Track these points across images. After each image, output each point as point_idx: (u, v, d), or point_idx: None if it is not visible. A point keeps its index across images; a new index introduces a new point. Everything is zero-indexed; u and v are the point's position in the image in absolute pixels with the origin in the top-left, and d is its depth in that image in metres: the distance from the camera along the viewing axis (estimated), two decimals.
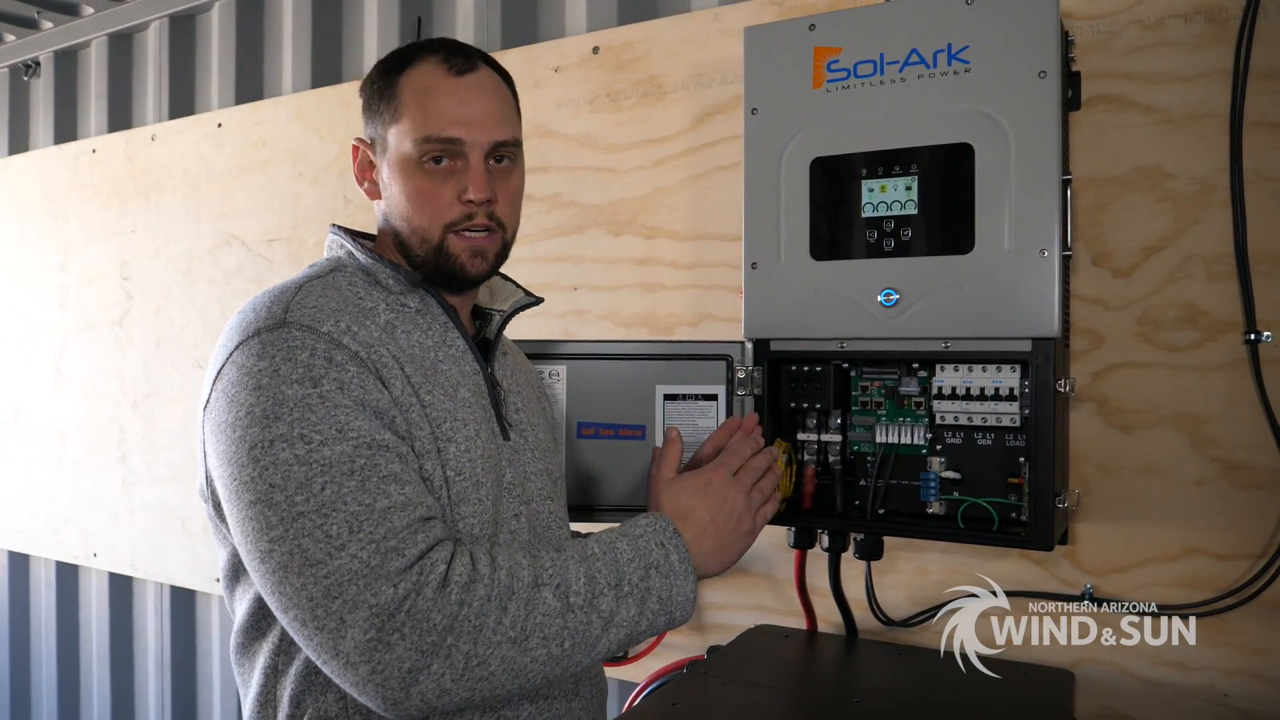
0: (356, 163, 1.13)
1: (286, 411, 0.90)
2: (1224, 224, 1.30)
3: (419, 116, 1.05)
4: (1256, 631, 1.29)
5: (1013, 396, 1.22)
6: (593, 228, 1.81)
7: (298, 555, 0.87)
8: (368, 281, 1.07)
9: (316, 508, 0.88)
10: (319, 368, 0.93)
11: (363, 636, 0.86)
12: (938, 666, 1.39)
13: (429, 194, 1.05)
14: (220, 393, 0.94)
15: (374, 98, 1.09)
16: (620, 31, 1.79)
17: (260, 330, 0.95)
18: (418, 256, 1.08)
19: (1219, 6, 1.31)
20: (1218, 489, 1.31)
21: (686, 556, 1.02)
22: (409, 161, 1.05)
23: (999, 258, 1.19)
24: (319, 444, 0.89)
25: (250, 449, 0.90)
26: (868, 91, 1.27)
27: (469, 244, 1.08)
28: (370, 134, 1.11)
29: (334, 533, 0.87)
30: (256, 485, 0.89)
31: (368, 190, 1.12)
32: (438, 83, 1.06)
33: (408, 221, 1.07)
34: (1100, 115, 1.38)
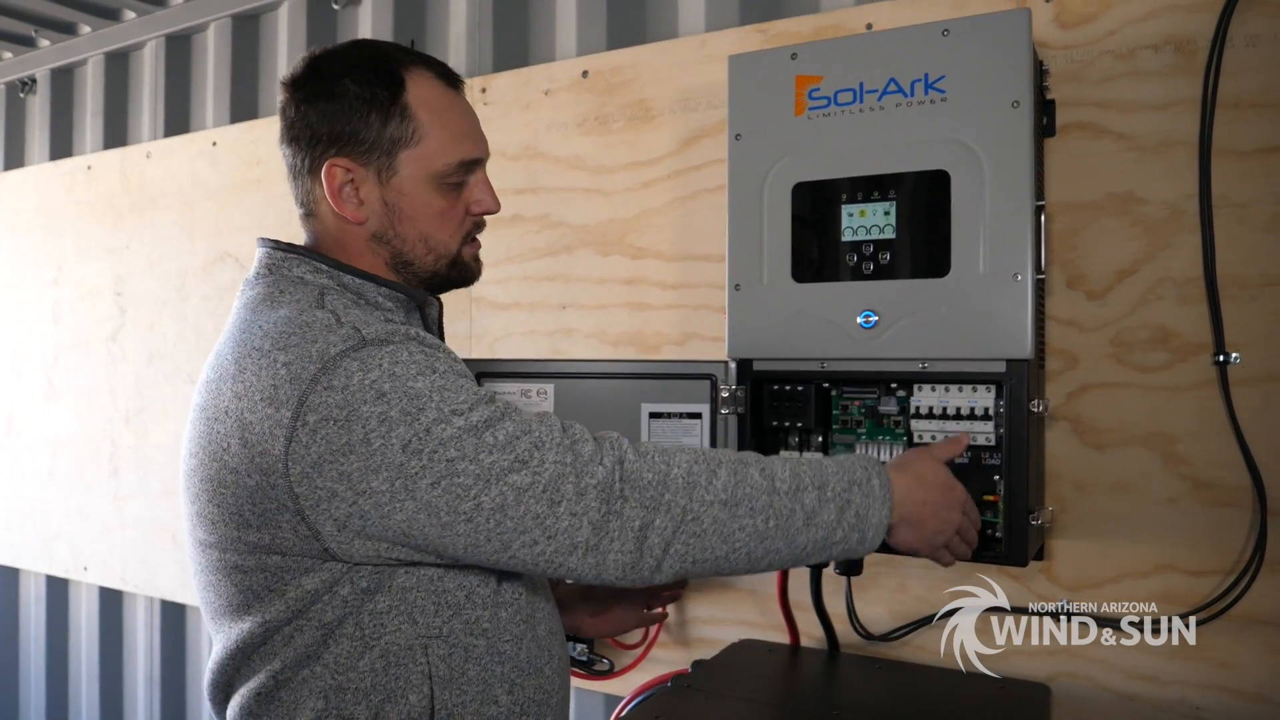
0: (332, 184, 1.04)
1: (426, 400, 0.92)
2: (1193, 248, 1.34)
3: (446, 138, 1.05)
4: (1227, 646, 1.32)
5: (988, 416, 1.25)
6: (581, 248, 1.84)
7: (509, 491, 0.91)
8: (353, 301, 1.04)
9: (502, 451, 0.91)
10: (426, 359, 0.95)
11: (597, 515, 0.92)
12: (917, 680, 1.42)
13: (450, 214, 1.08)
14: (323, 421, 0.90)
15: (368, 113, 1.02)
16: (609, 56, 1.82)
17: (347, 351, 0.92)
18: (426, 271, 1.09)
19: (1187, 38, 1.35)
20: (1188, 506, 1.34)
21: (888, 492, 1.04)
22: (431, 182, 1.05)
23: (974, 281, 1.23)
24: (468, 411, 0.93)
25: (404, 446, 0.90)
26: (848, 119, 1.31)
27: (474, 249, 1.15)
28: (359, 155, 1.03)
29: (526, 457, 0.92)
30: (433, 468, 0.91)
31: (351, 213, 1.05)
32: (449, 103, 1.07)
33: (424, 241, 1.07)
34: (1074, 142, 1.41)
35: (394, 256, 1.08)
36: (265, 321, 0.98)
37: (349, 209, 1.05)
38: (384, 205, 1.05)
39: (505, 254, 1.92)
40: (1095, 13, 1.41)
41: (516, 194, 1.91)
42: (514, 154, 1.92)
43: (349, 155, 1.03)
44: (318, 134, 1.03)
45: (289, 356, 0.93)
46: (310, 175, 1.06)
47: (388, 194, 1.05)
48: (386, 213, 1.06)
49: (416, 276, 1.10)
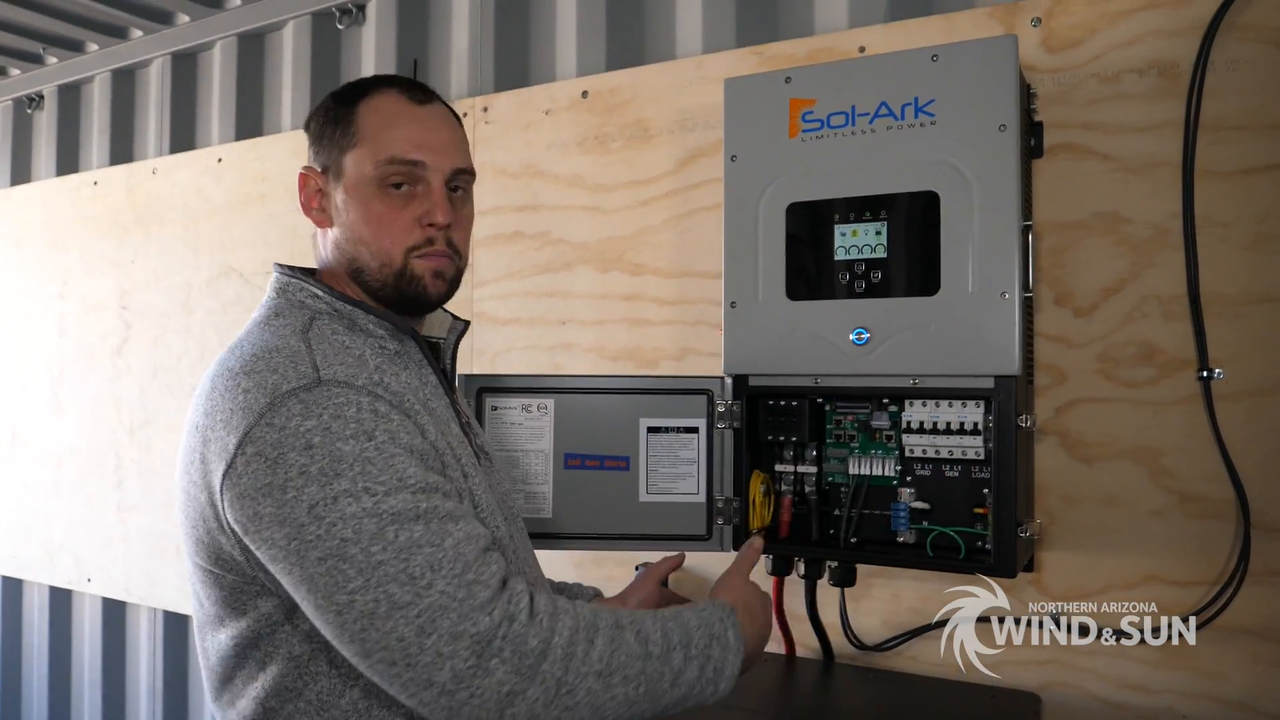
0: (304, 191, 1.09)
1: (346, 467, 0.90)
2: (1177, 267, 1.38)
3: (382, 140, 1.05)
4: (1213, 655, 1.35)
5: (977, 431, 1.29)
6: (581, 264, 1.87)
7: (384, 601, 0.87)
8: (345, 327, 1.05)
9: (394, 554, 0.88)
10: (369, 421, 0.93)
11: (463, 665, 0.87)
12: (910, 690, 1.45)
13: (389, 218, 1.05)
14: (256, 455, 0.91)
15: (328, 125, 1.08)
16: (608, 77, 1.86)
17: (296, 390, 0.93)
18: (376, 281, 1.07)
19: (1171, 62, 1.39)
20: (1174, 519, 1.38)
21: (740, 643, 1.04)
22: (369, 184, 1.05)
23: (963, 299, 1.26)
24: (383, 495, 0.90)
25: (311, 507, 0.89)
26: (840, 141, 1.35)
27: (431, 264, 1.08)
28: (322, 161, 1.08)
29: (416, 574, 0.88)
30: (325, 542, 0.89)
31: (316, 218, 1.09)
32: (400, 110, 1.08)
33: (366, 246, 1.05)
34: (1062, 163, 1.45)
35: (349, 262, 1.07)
36: (249, 343, 1.01)
37: (313, 215, 1.09)
38: (336, 208, 1.07)
39: (506, 270, 1.95)
40: (1081, 38, 1.45)
41: (517, 211, 1.95)
42: (515, 172, 1.95)
43: (315, 164, 1.09)
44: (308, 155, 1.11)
45: (250, 384, 0.94)
46: None
47: (337, 196, 1.07)
48: (337, 215, 1.07)
49: (369, 288, 1.08)
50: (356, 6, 2.27)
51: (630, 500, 1.43)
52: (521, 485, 1.44)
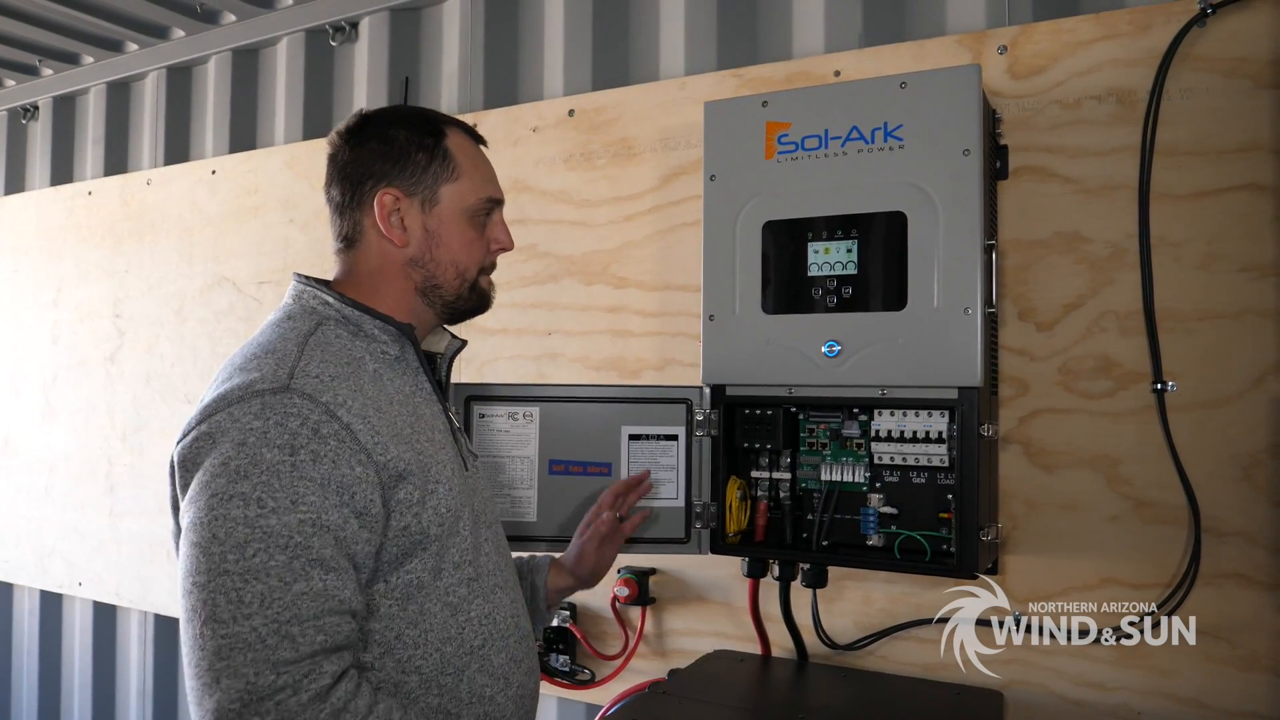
0: (384, 210, 1.15)
1: (257, 473, 0.95)
2: (1134, 284, 1.45)
3: (478, 179, 1.21)
4: (1165, 655, 1.42)
5: (942, 439, 1.35)
6: (566, 277, 1.93)
7: (209, 606, 0.92)
8: (351, 332, 1.12)
9: (241, 571, 0.92)
10: (303, 436, 0.98)
11: (227, 703, 0.90)
12: (879, 688, 1.51)
13: (477, 243, 1.21)
14: (206, 434, 0.99)
15: (416, 153, 1.17)
16: (594, 96, 1.93)
17: (264, 391, 1.00)
18: (452, 294, 1.20)
19: (1128, 90, 1.47)
20: (1130, 524, 1.44)
21: None
22: (465, 215, 1.19)
23: (929, 314, 1.33)
24: (270, 511, 0.95)
25: (211, 496, 0.95)
26: (813, 163, 1.42)
27: (489, 281, 1.27)
28: (406, 186, 1.16)
29: (246, 599, 0.92)
30: (202, 530, 0.94)
31: (397, 237, 1.16)
32: (476, 151, 1.23)
33: (455, 265, 1.19)
34: (1025, 184, 1.52)
35: (426, 279, 1.19)
36: (256, 341, 1.10)
37: (395, 233, 1.16)
38: (425, 232, 1.17)
39: (494, 281, 2.01)
40: (1045, 65, 1.52)
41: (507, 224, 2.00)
42: (503, 187, 2.00)
43: (398, 187, 1.16)
44: (370, 171, 1.17)
45: (239, 378, 1.02)
46: (359, 207, 1.17)
47: (429, 221, 1.18)
48: (426, 238, 1.17)
49: (442, 300, 1.20)
50: (349, 24, 2.33)
51: None
52: (507, 490, 1.50)
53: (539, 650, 1.84)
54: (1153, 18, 1.45)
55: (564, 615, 1.85)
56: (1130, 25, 1.46)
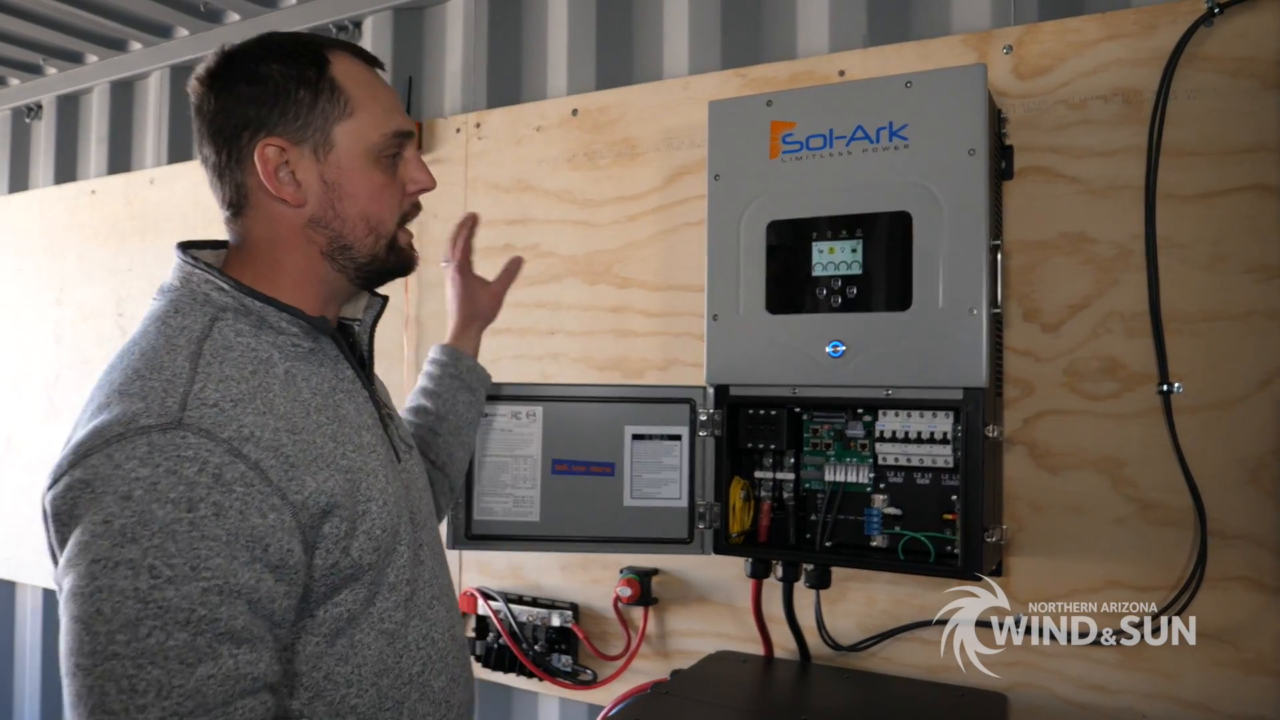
0: (269, 166, 0.97)
1: (148, 535, 0.80)
2: (1140, 285, 1.44)
3: (378, 110, 1.01)
4: (1170, 658, 1.41)
5: (946, 440, 1.35)
6: (570, 276, 1.93)
7: (96, 694, 0.78)
8: (253, 325, 0.96)
9: (134, 654, 0.78)
10: (202, 487, 0.82)
11: None
12: (882, 689, 1.51)
13: (389, 188, 1.03)
14: (82, 482, 0.82)
15: (297, 90, 0.98)
16: (598, 96, 1.92)
17: (150, 428, 0.83)
18: (365, 255, 1.03)
19: (1135, 90, 1.46)
20: (1135, 526, 1.44)
21: None
22: (369, 156, 1.01)
23: (934, 315, 1.32)
24: (165, 581, 0.79)
25: (93, 562, 0.80)
26: (818, 163, 1.41)
27: (408, 235, 1.09)
28: (292, 132, 0.98)
29: (140, 689, 0.78)
30: (85, 603, 0.79)
31: (289, 195, 0.98)
32: (370, 76, 1.03)
33: (366, 219, 1.01)
34: (1030, 184, 1.52)
35: (332, 241, 1.01)
36: (139, 349, 0.92)
37: (287, 191, 0.98)
38: (323, 184, 0.99)
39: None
40: (1050, 65, 1.51)
41: (508, 225, 2.00)
42: (506, 186, 2.01)
43: (281, 135, 0.97)
44: (244, 120, 0.97)
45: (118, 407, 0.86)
46: (239, 166, 0.99)
47: (326, 171, 0.99)
48: (326, 192, 0.99)
49: (355, 263, 1.03)
50: (353, 23, 2.33)
51: (615, 505, 1.49)
52: (510, 490, 1.49)
53: (541, 650, 1.83)
54: (1159, 17, 1.44)
55: (566, 615, 1.84)
56: (1136, 25, 1.46)
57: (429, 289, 2.09)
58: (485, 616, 1.92)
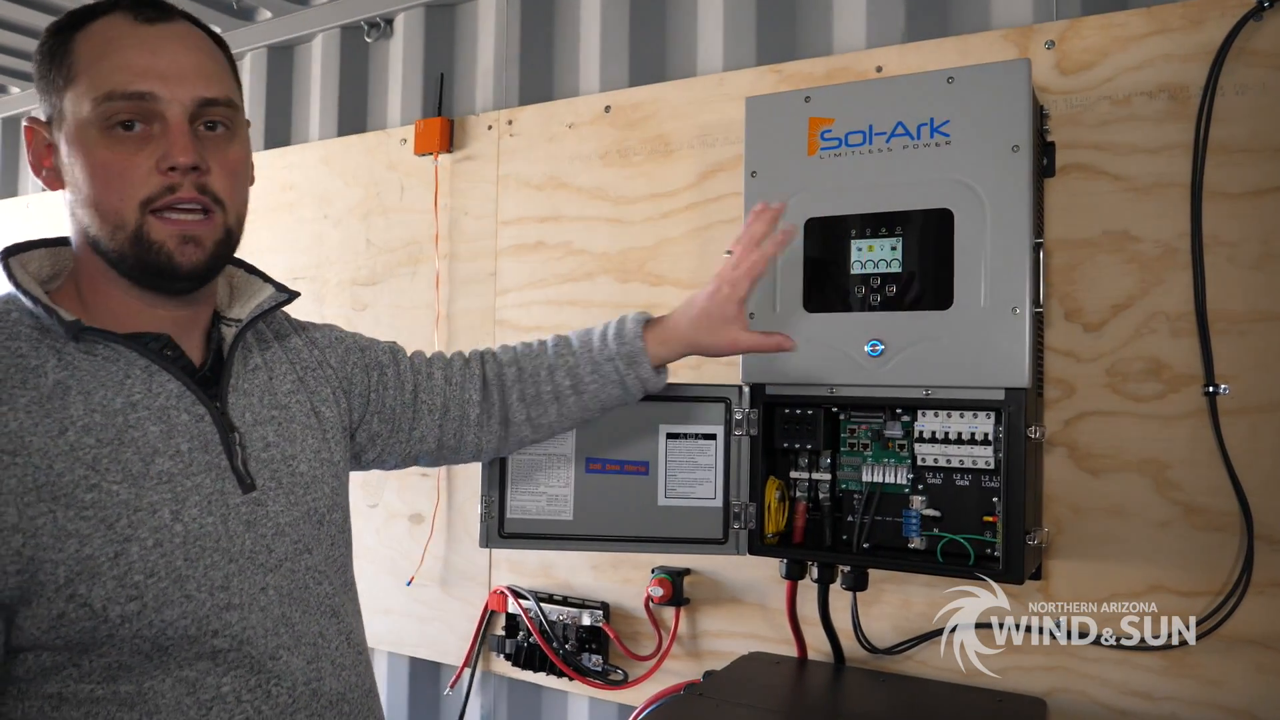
0: (32, 148, 0.89)
1: None
2: (1185, 285, 1.41)
3: (99, 71, 0.85)
4: (1216, 664, 1.38)
5: (987, 441, 1.32)
6: (602, 274, 1.92)
7: None
8: (36, 328, 0.86)
9: None
10: None
11: None
12: (918, 693, 1.49)
13: (118, 166, 0.84)
14: None
15: (44, 63, 0.88)
16: (631, 92, 1.91)
17: None
18: (114, 252, 0.87)
19: (1181, 86, 1.43)
20: (1179, 530, 1.41)
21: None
22: (90, 128, 0.84)
23: (975, 314, 1.30)
24: None
25: None
26: (857, 159, 1.39)
27: (177, 228, 0.87)
28: (45, 110, 0.88)
29: None
30: None
31: (46, 179, 0.90)
32: (123, 34, 0.87)
33: (96, 206, 0.86)
34: (1073, 182, 1.49)
35: (83, 231, 0.88)
36: None
37: (44, 177, 0.90)
38: (65, 164, 0.87)
39: (528, 279, 2.00)
40: (1094, 60, 1.49)
41: (540, 222, 2.00)
42: (538, 184, 2.00)
43: (39, 115, 0.90)
44: None
45: None
46: None
47: (62, 149, 0.87)
48: (65, 173, 0.88)
49: (108, 258, 0.88)
50: (385, 20, 2.33)
51: (649, 504, 1.47)
52: (544, 488, 1.48)
53: (572, 649, 1.83)
54: (1207, 11, 1.41)
55: (597, 615, 1.84)
56: (1183, 19, 1.43)
57: (460, 285, 2.09)
58: (516, 615, 1.91)
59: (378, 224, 2.24)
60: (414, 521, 2.14)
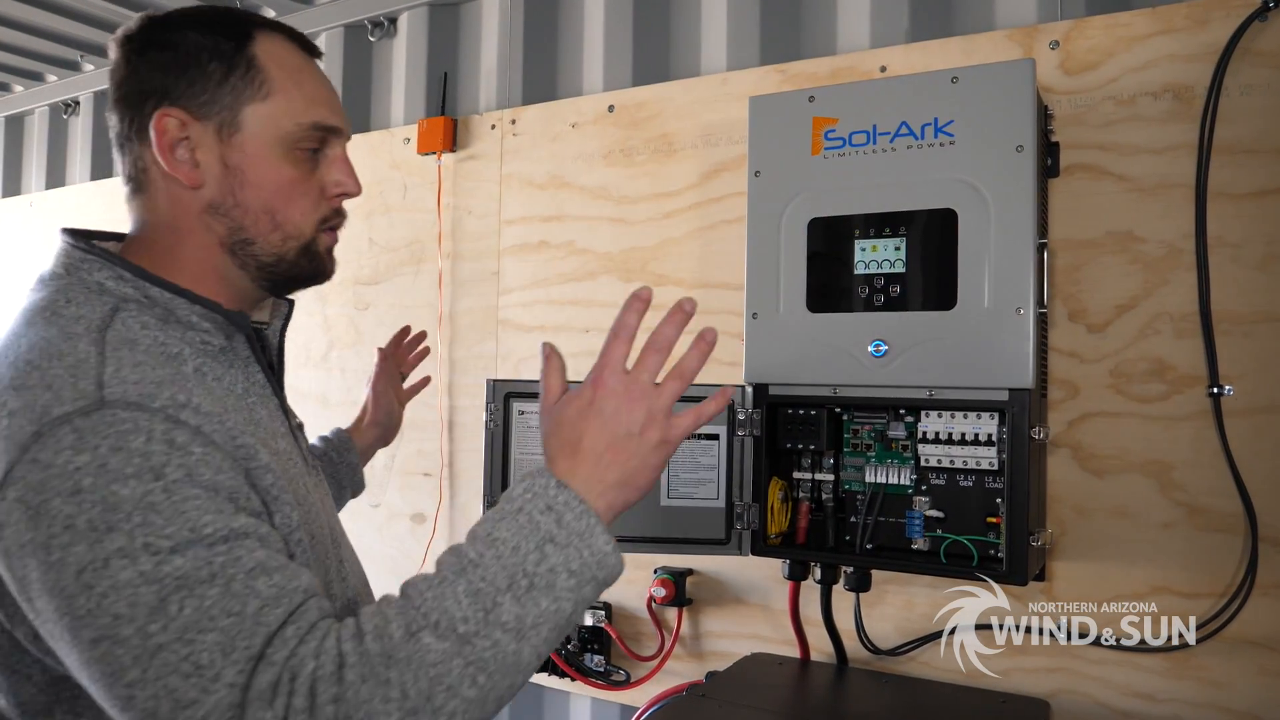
0: (164, 137, 0.89)
1: (123, 518, 0.71)
2: (1189, 285, 1.41)
3: (299, 98, 0.92)
4: (1219, 666, 1.38)
5: (991, 442, 1.32)
6: (604, 274, 1.92)
7: (166, 699, 0.70)
8: (159, 319, 0.87)
9: (178, 635, 0.70)
10: (159, 455, 0.74)
11: None
12: (921, 694, 1.48)
13: (302, 187, 0.93)
14: (17, 502, 0.72)
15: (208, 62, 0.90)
16: (634, 92, 1.91)
17: (71, 414, 0.74)
18: (271, 255, 0.93)
19: (1185, 86, 1.43)
20: (1183, 531, 1.41)
21: (583, 510, 0.82)
22: (280, 146, 0.91)
23: (979, 314, 1.30)
24: (169, 552, 0.72)
25: (79, 573, 0.71)
26: (861, 159, 1.39)
27: (332, 240, 0.99)
28: (196, 106, 0.90)
29: (205, 662, 0.70)
30: (97, 619, 0.70)
31: (186, 174, 0.90)
32: (302, 64, 0.95)
33: (270, 214, 0.91)
34: (1077, 182, 1.49)
35: (232, 232, 0.91)
36: (27, 342, 0.82)
37: (183, 169, 0.90)
38: (224, 167, 0.90)
39: (531, 278, 2.00)
40: (1098, 61, 1.48)
41: (543, 221, 1.99)
42: (541, 183, 2.00)
43: (184, 107, 0.89)
44: (149, 88, 0.90)
45: (17, 403, 0.76)
46: (139, 138, 0.91)
47: (229, 153, 0.90)
48: (226, 176, 0.90)
49: (257, 260, 0.93)
50: (388, 19, 2.33)
51: (651, 504, 1.47)
52: None
53: (574, 650, 1.83)
54: (1211, 12, 1.41)
55: (599, 615, 1.83)
56: (1188, 20, 1.43)
57: (463, 285, 2.09)
58: None
59: (380, 223, 2.24)
60: (416, 521, 2.14)
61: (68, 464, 0.72)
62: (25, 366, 0.78)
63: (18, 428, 0.74)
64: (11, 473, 0.73)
